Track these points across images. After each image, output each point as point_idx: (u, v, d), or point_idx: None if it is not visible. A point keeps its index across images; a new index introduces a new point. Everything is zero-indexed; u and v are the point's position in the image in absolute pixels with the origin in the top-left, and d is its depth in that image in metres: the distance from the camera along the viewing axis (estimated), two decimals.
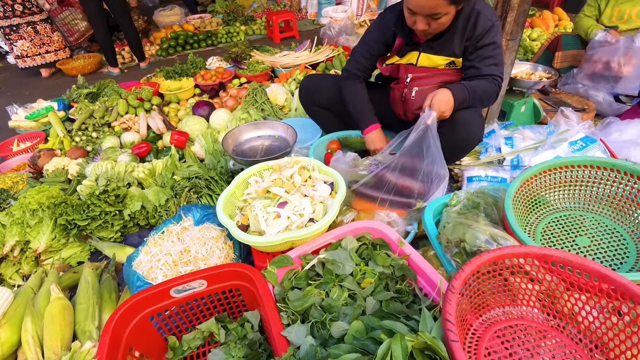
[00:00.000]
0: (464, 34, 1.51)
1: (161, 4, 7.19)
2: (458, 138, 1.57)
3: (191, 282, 1.10)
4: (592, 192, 1.26)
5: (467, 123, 1.54)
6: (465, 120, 1.53)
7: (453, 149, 1.61)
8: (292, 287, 1.08)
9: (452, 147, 1.58)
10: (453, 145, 1.59)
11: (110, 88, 3.27)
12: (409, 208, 1.50)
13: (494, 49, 1.50)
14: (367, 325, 0.87)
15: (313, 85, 1.99)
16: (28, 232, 1.67)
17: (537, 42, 3.51)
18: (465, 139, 1.59)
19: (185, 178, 1.98)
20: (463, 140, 1.60)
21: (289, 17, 4.96)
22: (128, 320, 1.06)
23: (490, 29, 1.47)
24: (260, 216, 1.24)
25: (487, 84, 1.51)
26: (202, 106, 2.70)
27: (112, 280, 1.49)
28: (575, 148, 1.67)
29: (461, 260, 1.09)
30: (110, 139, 2.48)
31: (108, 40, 4.08)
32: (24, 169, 2.42)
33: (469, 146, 1.66)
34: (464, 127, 1.54)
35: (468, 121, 1.54)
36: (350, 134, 2.13)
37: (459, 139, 1.57)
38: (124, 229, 1.85)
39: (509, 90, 2.30)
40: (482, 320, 0.91)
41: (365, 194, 1.52)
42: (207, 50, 4.95)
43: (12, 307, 1.28)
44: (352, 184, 1.51)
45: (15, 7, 3.96)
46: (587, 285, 0.83)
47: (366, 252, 1.16)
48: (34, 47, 4.24)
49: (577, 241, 1.16)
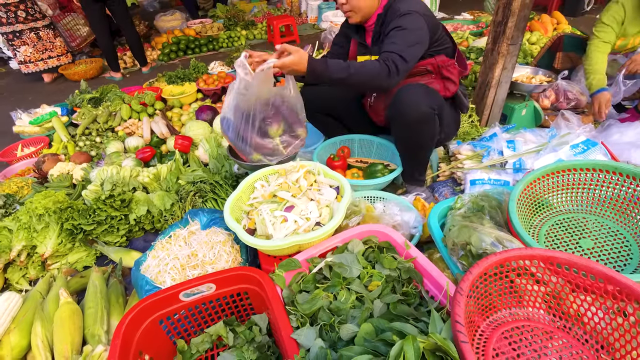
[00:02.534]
0: (386, 28, 1.56)
1: (162, 9, 7.24)
2: (407, 118, 1.55)
3: (200, 286, 1.11)
4: (594, 195, 1.28)
5: (409, 101, 1.53)
6: (407, 98, 1.53)
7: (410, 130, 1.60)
8: (300, 290, 1.09)
9: (408, 129, 1.59)
10: (409, 127, 1.58)
11: (113, 93, 3.29)
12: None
13: (397, 31, 1.50)
14: (377, 327, 0.88)
15: (313, 94, 1.98)
16: (35, 237, 1.69)
17: (536, 46, 3.54)
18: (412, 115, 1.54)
19: (190, 182, 2.00)
20: (412, 117, 1.54)
21: (290, 21, 5.00)
22: (138, 324, 1.07)
23: (398, 17, 1.52)
24: (267, 220, 1.26)
25: (371, 63, 1.46)
26: (206, 111, 2.72)
27: (119, 284, 1.50)
28: (577, 151, 1.69)
29: (467, 262, 1.10)
30: (114, 144, 2.49)
31: (110, 45, 4.11)
32: (28, 173, 2.44)
33: (421, 122, 1.56)
34: (409, 106, 1.53)
35: (410, 99, 1.53)
36: (353, 138, 2.15)
37: (408, 118, 1.55)
38: (130, 233, 1.86)
39: (510, 93, 2.32)
40: (489, 322, 0.92)
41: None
42: (209, 55, 4.99)
43: (21, 311, 1.30)
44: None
45: (18, 14, 4.00)
46: (592, 286, 0.84)
47: (372, 255, 1.17)
48: (37, 52, 4.27)
49: (581, 243, 1.18)
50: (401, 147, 1.76)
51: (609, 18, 2.14)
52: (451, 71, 1.69)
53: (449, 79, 1.70)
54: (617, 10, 2.12)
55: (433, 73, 1.69)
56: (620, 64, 2.25)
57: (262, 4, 6.68)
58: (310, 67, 1.40)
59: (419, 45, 1.53)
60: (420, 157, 1.77)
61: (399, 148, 1.78)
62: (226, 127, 1.58)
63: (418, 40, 1.51)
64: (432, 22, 1.58)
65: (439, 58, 1.66)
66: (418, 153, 1.74)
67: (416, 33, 1.50)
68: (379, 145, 2.10)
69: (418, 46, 1.52)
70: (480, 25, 4.30)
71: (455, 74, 1.70)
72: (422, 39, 1.54)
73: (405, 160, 1.80)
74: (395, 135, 1.73)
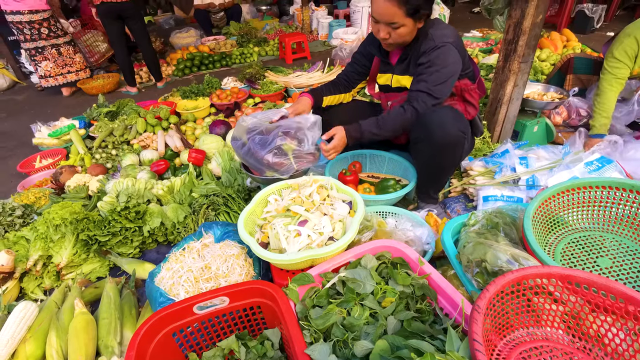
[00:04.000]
0: (417, 54, 1.59)
1: (177, 26, 7.47)
2: (435, 140, 1.55)
3: (213, 299, 1.12)
4: (611, 213, 1.26)
5: (439, 124, 1.53)
6: (436, 121, 1.54)
7: (437, 153, 1.60)
8: (314, 305, 1.08)
9: (435, 151, 1.59)
10: (435, 150, 1.58)
11: (129, 107, 3.38)
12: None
13: (427, 67, 1.54)
14: (392, 344, 0.87)
15: (332, 111, 2.01)
16: (51, 247, 1.72)
17: (547, 63, 3.55)
18: (442, 138, 1.54)
19: (203, 195, 2.03)
20: (441, 139, 1.54)
21: (301, 38, 5.11)
22: (152, 336, 1.07)
23: (431, 50, 1.53)
24: (281, 234, 1.27)
25: (397, 111, 1.59)
26: (219, 125, 2.77)
27: (132, 295, 1.51)
28: (591, 168, 1.68)
29: (482, 280, 1.09)
30: (129, 157, 2.55)
31: (128, 60, 4.25)
32: (46, 184, 2.50)
33: (449, 145, 1.58)
34: (438, 129, 1.53)
35: (440, 122, 1.53)
36: (364, 153, 2.16)
37: (436, 141, 1.55)
38: (143, 245, 1.88)
39: (522, 110, 2.33)
40: (507, 341, 0.91)
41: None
42: (222, 71, 5.10)
43: (37, 321, 1.31)
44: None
45: (41, 31, 4.17)
46: (612, 307, 0.83)
47: (386, 271, 1.17)
48: (57, 67, 4.43)
49: (599, 262, 1.16)
50: (423, 167, 1.76)
51: (622, 53, 2.05)
52: (473, 95, 1.72)
53: (470, 102, 1.73)
54: (629, 45, 2.02)
55: (456, 95, 1.72)
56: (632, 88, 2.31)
57: (274, 22, 6.87)
58: (350, 137, 1.63)
59: (452, 78, 1.57)
60: (441, 178, 1.80)
61: (419, 168, 1.79)
62: (238, 147, 1.64)
63: (450, 74, 1.55)
64: (462, 50, 1.60)
65: (462, 82, 1.69)
66: (440, 175, 1.77)
67: (448, 68, 1.54)
68: (391, 161, 2.10)
69: (450, 80, 1.56)
70: (490, 42, 4.35)
71: (476, 98, 1.74)
72: (454, 72, 1.57)
73: (424, 179, 1.81)
74: (418, 155, 1.73)
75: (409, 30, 1.53)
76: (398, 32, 1.52)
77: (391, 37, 1.55)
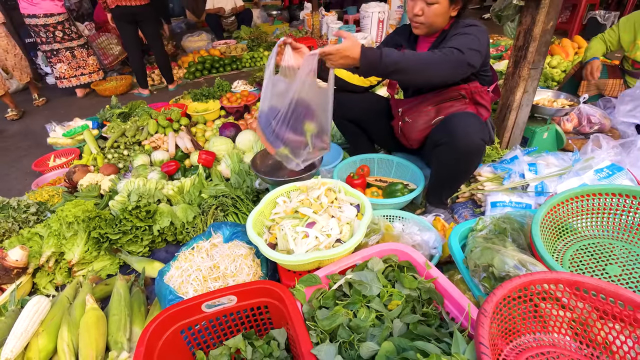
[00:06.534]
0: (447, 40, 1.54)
1: (189, 30, 7.58)
2: (458, 146, 1.53)
3: (221, 298, 1.14)
4: (621, 221, 1.25)
5: (463, 130, 1.51)
6: (461, 127, 1.51)
7: (458, 159, 1.59)
8: (320, 306, 1.09)
9: (456, 157, 1.57)
10: (457, 156, 1.57)
11: (141, 109, 3.44)
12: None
13: (459, 35, 1.47)
14: (398, 346, 0.88)
15: (344, 99, 1.96)
16: (63, 244, 1.75)
17: (557, 70, 3.53)
18: (466, 146, 1.53)
19: (213, 196, 2.05)
20: (464, 146, 1.53)
21: (311, 43, 5.15)
22: (161, 332, 1.09)
23: (462, 27, 1.52)
24: (289, 235, 1.28)
25: (432, 53, 1.40)
26: (229, 127, 2.80)
27: (142, 293, 1.53)
28: (601, 176, 1.66)
29: (489, 285, 1.09)
30: (141, 157, 2.59)
31: (141, 63, 4.33)
32: (59, 183, 2.55)
33: (471, 153, 1.57)
34: (462, 135, 1.51)
35: (464, 128, 1.51)
36: (372, 157, 2.17)
37: (459, 147, 1.54)
38: (152, 244, 1.91)
39: (531, 116, 2.32)
40: (513, 347, 0.91)
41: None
42: (232, 74, 5.17)
43: (49, 315, 1.34)
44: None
45: (56, 34, 4.29)
46: (621, 314, 0.83)
47: (392, 274, 1.18)
48: (71, 69, 4.54)
49: (608, 269, 1.15)
50: (440, 171, 1.72)
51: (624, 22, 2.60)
52: (484, 97, 1.69)
53: (482, 104, 1.70)
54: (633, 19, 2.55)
55: (467, 98, 1.70)
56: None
57: (284, 26, 6.93)
58: (364, 54, 1.33)
59: (479, 53, 1.45)
60: (456, 184, 1.81)
61: (436, 171, 1.75)
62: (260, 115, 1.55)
63: (478, 47, 1.45)
64: (488, 45, 1.57)
65: (472, 84, 1.67)
66: (456, 181, 1.77)
67: (478, 41, 1.46)
68: (399, 165, 2.11)
69: (477, 53, 1.44)
70: (500, 48, 4.33)
71: (487, 101, 1.71)
72: (482, 49, 1.48)
73: (439, 183, 1.79)
74: (437, 158, 1.68)
75: (443, 11, 1.52)
76: (432, 9, 1.51)
77: (424, 14, 1.53)
